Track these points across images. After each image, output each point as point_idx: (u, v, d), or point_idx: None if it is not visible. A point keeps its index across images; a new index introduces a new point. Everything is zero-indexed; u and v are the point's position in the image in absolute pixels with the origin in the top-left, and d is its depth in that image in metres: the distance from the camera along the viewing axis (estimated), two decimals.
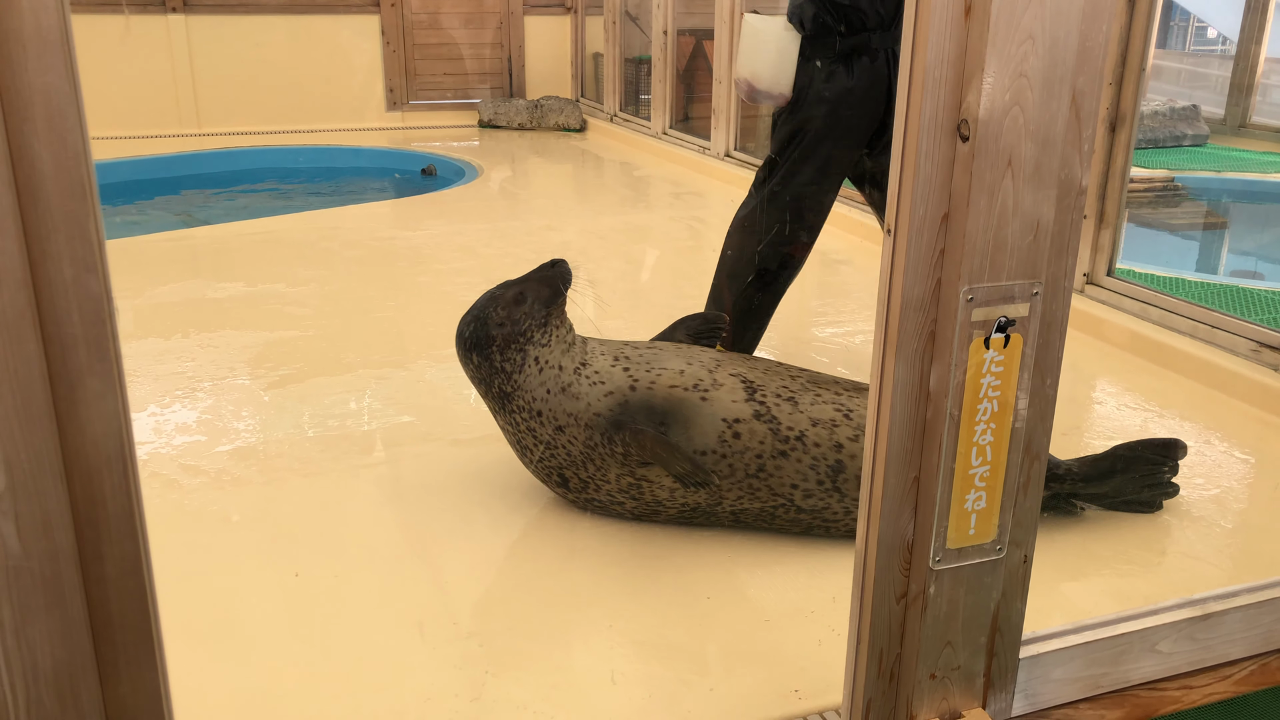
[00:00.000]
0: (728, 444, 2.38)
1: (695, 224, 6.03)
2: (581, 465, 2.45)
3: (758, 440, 2.38)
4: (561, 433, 2.44)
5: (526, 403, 2.47)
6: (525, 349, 2.47)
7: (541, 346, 2.47)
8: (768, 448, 2.38)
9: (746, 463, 2.38)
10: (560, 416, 2.44)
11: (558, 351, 2.48)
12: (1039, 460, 1.59)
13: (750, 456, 2.38)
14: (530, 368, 2.46)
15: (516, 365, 2.47)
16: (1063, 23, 1.33)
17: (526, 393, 2.46)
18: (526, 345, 2.47)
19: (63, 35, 0.98)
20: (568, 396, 2.44)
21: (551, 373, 2.46)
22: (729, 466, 2.38)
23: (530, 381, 2.46)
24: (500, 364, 2.48)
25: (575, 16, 9.83)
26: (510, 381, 2.48)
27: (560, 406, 2.44)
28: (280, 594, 2.28)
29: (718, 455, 2.38)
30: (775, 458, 2.38)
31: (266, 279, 4.71)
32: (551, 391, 2.45)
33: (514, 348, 2.47)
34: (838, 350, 3.90)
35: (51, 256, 1.03)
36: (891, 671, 1.63)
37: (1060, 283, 1.48)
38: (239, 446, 3.01)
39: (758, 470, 2.38)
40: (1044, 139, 1.38)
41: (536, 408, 2.46)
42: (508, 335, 2.47)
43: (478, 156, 8.10)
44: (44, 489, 1.07)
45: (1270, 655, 1.94)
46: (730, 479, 2.39)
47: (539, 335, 2.48)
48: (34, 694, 1.13)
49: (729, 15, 6.95)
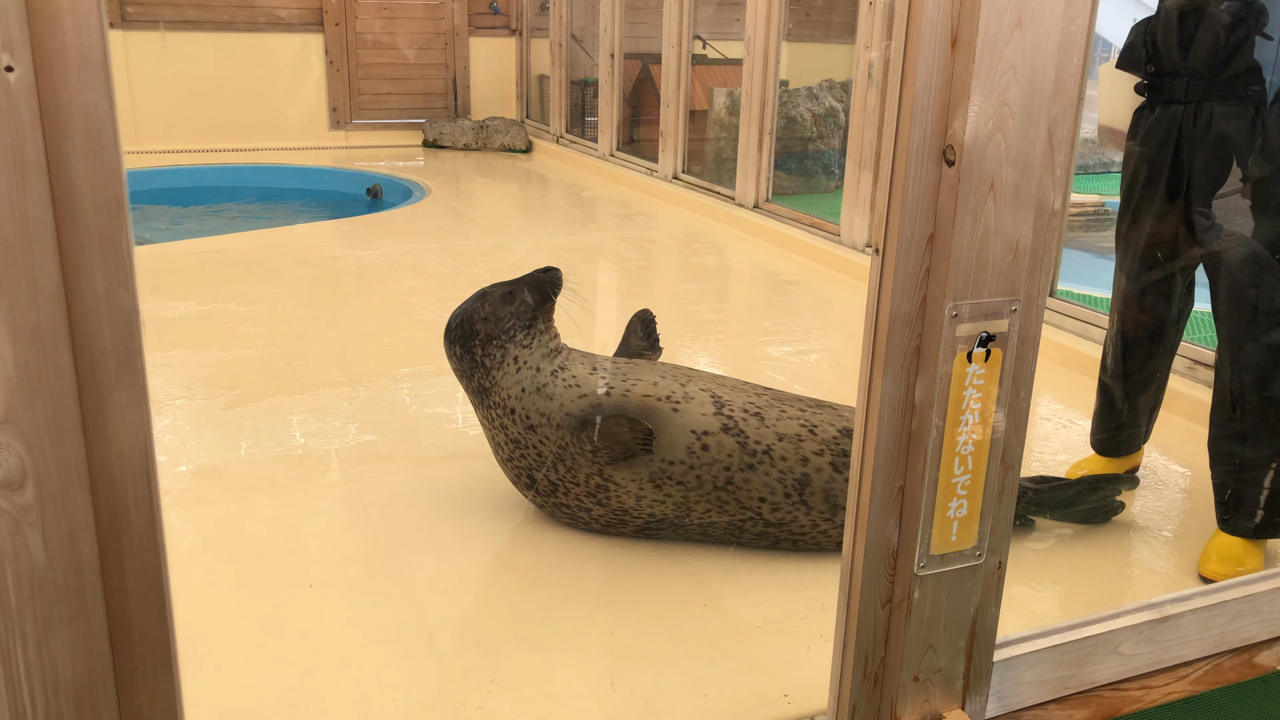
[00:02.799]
0: (696, 455, 2.43)
1: (646, 244, 6.10)
2: (551, 467, 2.49)
3: (725, 453, 2.44)
4: (533, 432, 2.49)
5: (502, 399, 2.53)
6: (506, 346, 2.53)
7: (523, 347, 2.54)
8: (735, 460, 2.44)
9: (714, 475, 2.43)
10: (533, 415, 2.49)
11: (538, 354, 2.55)
12: (1013, 470, 1.67)
13: (719, 469, 2.43)
14: (509, 366, 2.52)
15: (496, 361, 2.53)
16: (1041, 55, 1.42)
17: (502, 389, 2.53)
18: (508, 343, 2.54)
19: (103, 55, 1.00)
20: (542, 396, 2.50)
21: (529, 372, 2.52)
22: (697, 478, 2.43)
23: (507, 379, 2.52)
24: (480, 358, 2.55)
25: (520, 38, 9.89)
26: (489, 377, 2.54)
27: (534, 405, 2.49)
28: (251, 613, 2.27)
29: (686, 466, 2.43)
30: (743, 470, 2.44)
31: (217, 298, 4.66)
32: (526, 390, 2.50)
33: (495, 344, 2.54)
34: (793, 368, 3.98)
35: (85, 271, 1.04)
36: (876, 675, 1.68)
37: (1035, 300, 1.56)
38: (200, 466, 2.98)
39: (725, 483, 2.44)
40: (1023, 164, 1.46)
41: (510, 405, 2.51)
42: (490, 331, 2.54)
43: (424, 176, 8.09)
44: (71, 500, 1.08)
45: (1223, 656, 2.04)
46: (698, 490, 2.44)
47: (522, 336, 2.55)
48: (53, 707, 1.13)
49: (676, 40, 7.06)
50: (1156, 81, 2.69)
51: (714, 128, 8.26)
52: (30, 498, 1.06)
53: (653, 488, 2.45)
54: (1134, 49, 2.74)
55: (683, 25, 7.00)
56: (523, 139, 9.30)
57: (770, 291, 5.31)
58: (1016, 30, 1.40)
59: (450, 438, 3.21)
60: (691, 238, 6.25)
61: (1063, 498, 2.72)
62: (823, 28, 9.78)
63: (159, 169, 8.18)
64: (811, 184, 8.33)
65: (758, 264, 5.70)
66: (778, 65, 6.16)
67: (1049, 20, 1.41)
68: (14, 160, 0.98)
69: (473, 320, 2.57)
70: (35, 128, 0.99)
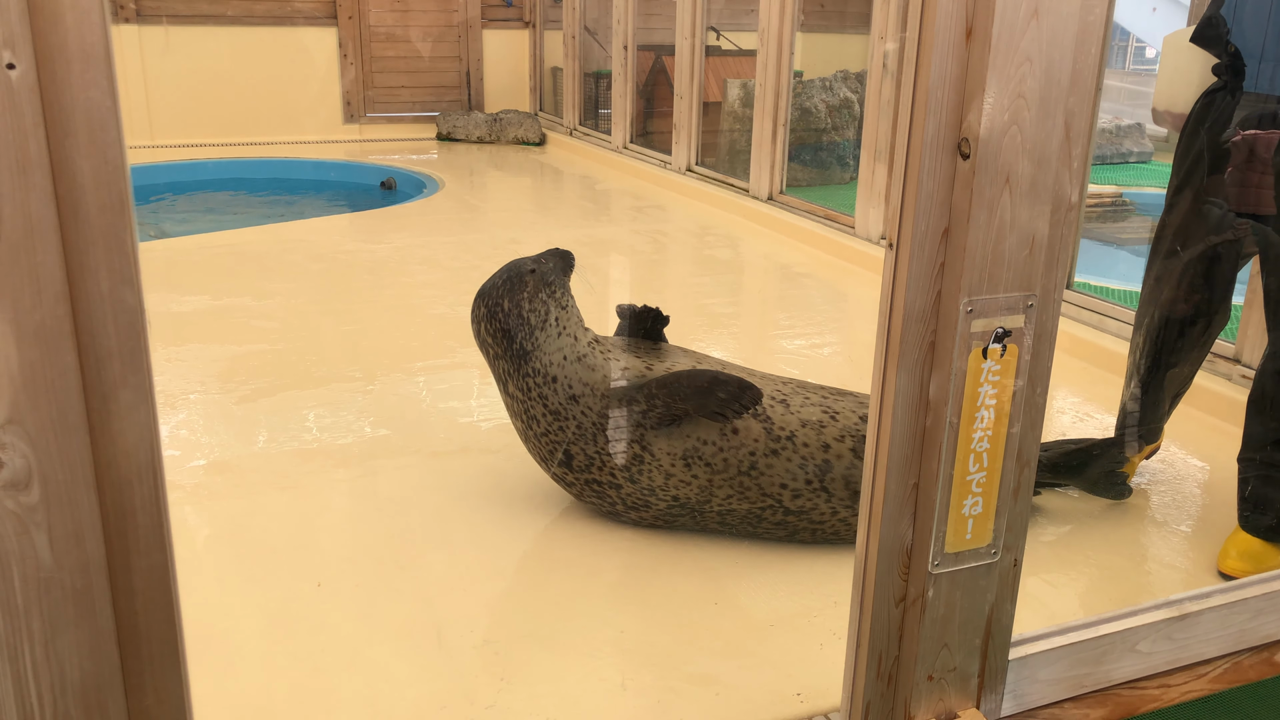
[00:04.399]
0: (726, 438, 2.43)
1: (659, 237, 6.08)
2: (590, 440, 2.47)
3: (752, 438, 2.43)
4: (575, 402, 2.47)
5: (543, 365, 2.49)
6: (548, 304, 2.53)
7: (562, 309, 2.54)
8: (761, 446, 2.43)
9: (740, 459, 2.43)
10: (575, 385, 2.48)
11: (574, 321, 2.56)
12: (1029, 467, 1.65)
13: (744, 453, 2.43)
14: (551, 328, 2.51)
15: (541, 319, 2.51)
16: (1058, 46, 1.39)
17: (545, 354, 2.50)
18: (549, 300, 2.53)
19: (106, 51, 0.99)
20: (584, 366, 2.49)
21: (568, 340, 2.52)
22: (724, 461, 2.43)
23: (550, 344, 2.50)
24: (527, 314, 2.51)
25: (534, 31, 9.87)
26: (532, 338, 2.50)
27: (576, 375, 2.48)
28: (263, 608, 2.27)
29: (716, 448, 2.43)
30: (767, 456, 2.43)
31: (231, 292, 4.67)
32: (568, 359, 2.50)
33: (540, 299, 2.52)
34: (807, 362, 3.96)
35: (89, 269, 1.03)
36: (890, 674, 1.67)
37: (1052, 295, 1.54)
38: (214, 460, 2.98)
39: (750, 468, 2.43)
40: (1039, 157, 1.44)
41: (552, 373, 2.49)
42: (537, 285, 2.53)
43: (437, 169, 8.09)
44: (76, 500, 1.08)
45: (1243, 654, 2.02)
46: (724, 474, 2.43)
47: (560, 295, 2.56)
48: (61, 707, 1.13)
49: (690, 32, 7.02)
50: (1237, 64, 2.39)
51: (728, 119, 8.23)
52: (36, 498, 1.05)
53: (683, 465, 2.44)
54: (1215, 24, 2.41)
55: (696, 16, 6.96)
56: (536, 132, 9.29)
57: (784, 284, 5.28)
58: (1033, 20, 1.37)
59: (464, 432, 3.20)
60: (705, 230, 6.22)
61: (1063, 458, 2.74)
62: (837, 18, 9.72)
63: (174, 163, 8.20)
64: (826, 176, 8.29)
65: (771, 257, 5.67)
66: (792, 56, 6.12)
67: (1066, 10, 1.39)
68: (17, 158, 0.98)
69: (521, 273, 2.56)
70: (38, 125, 0.98)
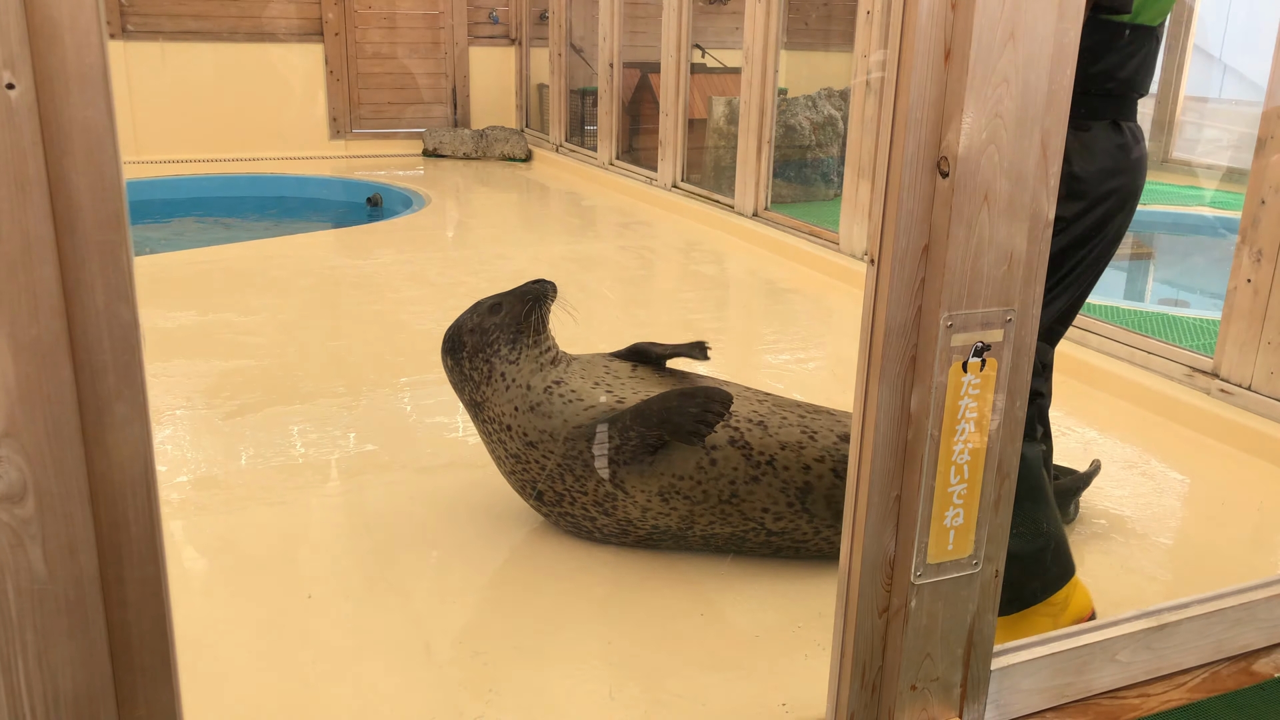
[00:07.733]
0: (704, 470, 2.43)
1: (645, 253, 6.12)
2: (558, 479, 2.49)
3: (731, 467, 2.43)
4: (533, 448, 2.48)
5: (495, 415, 2.53)
6: (491, 361, 2.53)
7: (509, 363, 2.52)
8: (741, 474, 2.43)
9: (720, 489, 2.43)
10: (531, 433, 2.48)
11: (526, 370, 2.52)
12: (1009, 478, 1.67)
13: (724, 483, 2.43)
14: (497, 382, 2.52)
15: (484, 376, 2.53)
16: (1034, 67, 1.43)
17: (494, 406, 2.53)
18: (493, 358, 2.53)
19: (103, 72, 1.01)
20: (538, 415, 2.48)
21: (519, 391, 2.50)
22: (703, 493, 2.43)
23: (498, 397, 2.52)
24: (469, 372, 2.56)
25: (520, 48, 9.92)
26: (479, 392, 2.55)
27: (530, 424, 2.48)
28: (251, 622, 2.28)
29: (694, 482, 2.43)
30: (748, 483, 2.43)
31: (217, 308, 4.67)
32: (520, 409, 2.49)
33: (481, 358, 2.53)
34: (792, 377, 3.99)
35: (85, 285, 1.05)
36: (874, 684, 1.69)
37: (1029, 309, 1.57)
38: (200, 476, 2.99)
39: (730, 496, 2.44)
40: (1017, 175, 1.47)
41: (505, 422, 2.51)
42: (476, 344, 2.54)
43: (424, 185, 8.11)
44: (71, 513, 1.09)
45: (1221, 664, 2.05)
46: (704, 504, 2.44)
47: (506, 351, 2.53)
48: (54, 718, 1.14)
49: (675, 49, 7.08)
50: None
51: (713, 136, 8.28)
52: (31, 510, 1.07)
53: (660, 501, 2.45)
54: None
55: (681, 34, 7.02)
56: (522, 148, 9.33)
57: (769, 300, 5.32)
58: (1009, 43, 1.41)
59: (450, 447, 3.22)
60: (690, 246, 6.26)
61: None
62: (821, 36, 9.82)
63: (160, 179, 8.20)
64: (810, 192, 8.35)
65: (757, 272, 5.71)
66: (776, 74, 6.18)
67: (1042, 32, 1.42)
68: (15, 176, 0.99)
69: (461, 332, 2.58)
70: (36, 144, 1.00)
